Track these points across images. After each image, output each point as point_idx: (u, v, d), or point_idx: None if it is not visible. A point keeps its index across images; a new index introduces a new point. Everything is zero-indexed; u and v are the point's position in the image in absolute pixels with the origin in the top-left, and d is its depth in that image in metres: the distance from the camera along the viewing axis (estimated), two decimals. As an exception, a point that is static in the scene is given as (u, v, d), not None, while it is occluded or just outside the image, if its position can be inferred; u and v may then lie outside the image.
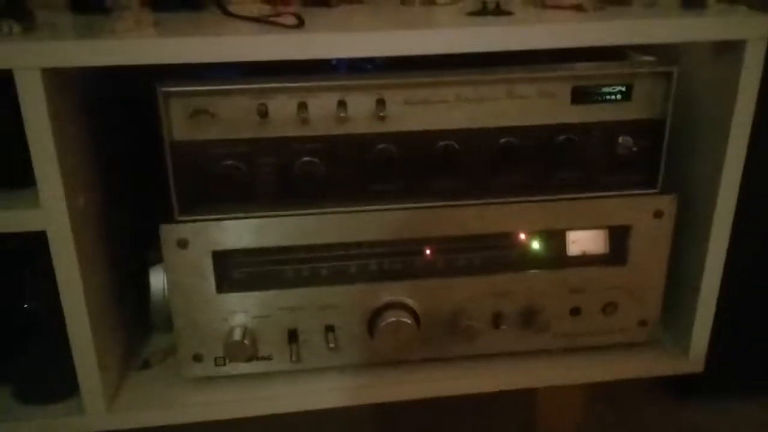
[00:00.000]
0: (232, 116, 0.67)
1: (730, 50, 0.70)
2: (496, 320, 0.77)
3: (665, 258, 0.77)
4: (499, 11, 0.71)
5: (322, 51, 0.63)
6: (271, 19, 0.66)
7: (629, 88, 0.72)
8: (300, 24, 0.65)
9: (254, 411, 0.75)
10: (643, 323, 0.80)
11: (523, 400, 0.95)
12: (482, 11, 0.71)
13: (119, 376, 0.77)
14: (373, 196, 0.72)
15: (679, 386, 1.18)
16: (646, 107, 0.72)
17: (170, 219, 0.69)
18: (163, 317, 0.80)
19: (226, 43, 0.62)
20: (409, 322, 0.73)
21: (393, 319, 0.73)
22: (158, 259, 0.77)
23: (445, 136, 0.70)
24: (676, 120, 0.73)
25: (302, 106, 0.67)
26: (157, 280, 0.80)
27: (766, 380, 1.12)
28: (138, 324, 0.83)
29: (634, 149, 0.72)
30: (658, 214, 0.75)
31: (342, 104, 0.68)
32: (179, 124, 0.66)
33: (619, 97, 0.72)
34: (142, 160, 0.80)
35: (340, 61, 0.72)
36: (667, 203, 0.75)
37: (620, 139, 0.72)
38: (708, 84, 0.75)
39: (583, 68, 0.71)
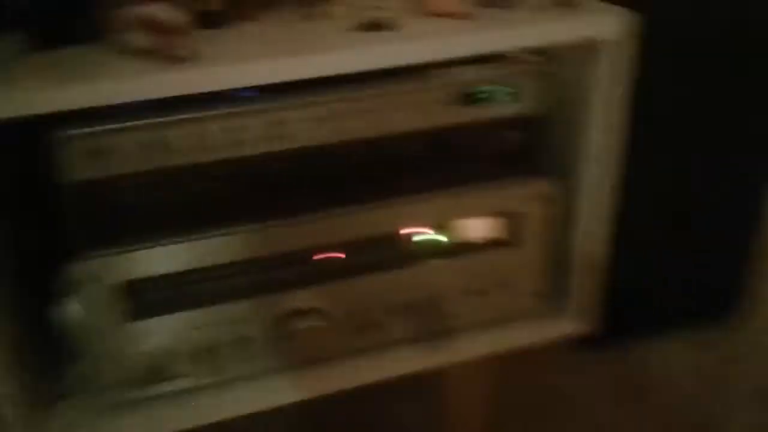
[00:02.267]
0: (132, 150, 0.67)
1: (589, 50, 0.76)
2: (404, 310, 0.81)
3: (554, 237, 0.84)
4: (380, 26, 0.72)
5: (214, 84, 0.64)
6: (164, 53, 0.65)
7: (515, 88, 0.76)
8: (191, 57, 0.64)
9: (180, 425, 0.77)
10: (538, 294, 0.87)
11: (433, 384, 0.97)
12: (367, 26, 0.72)
13: (38, 409, 0.77)
14: (277, 210, 0.74)
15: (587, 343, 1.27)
16: (531, 105, 0.78)
17: (76, 257, 0.68)
18: (76, 349, 0.79)
19: (115, 86, 0.61)
20: (319, 324, 0.77)
21: (304, 324, 0.77)
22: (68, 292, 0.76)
23: (346, 147, 0.73)
24: (558, 115, 0.78)
25: (200, 134, 0.68)
26: (68, 312, 0.78)
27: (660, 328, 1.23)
28: (52, 356, 0.81)
29: (522, 143, 0.78)
30: (545, 200, 0.81)
31: (241, 128, 0.69)
32: (78, 165, 0.66)
33: (505, 97, 0.76)
34: (41, 201, 0.77)
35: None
36: (552, 190, 0.81)
37: (509, 135, 0.78)
38: (578, 81, 0.80)
39: (468, 73, 0.74)
